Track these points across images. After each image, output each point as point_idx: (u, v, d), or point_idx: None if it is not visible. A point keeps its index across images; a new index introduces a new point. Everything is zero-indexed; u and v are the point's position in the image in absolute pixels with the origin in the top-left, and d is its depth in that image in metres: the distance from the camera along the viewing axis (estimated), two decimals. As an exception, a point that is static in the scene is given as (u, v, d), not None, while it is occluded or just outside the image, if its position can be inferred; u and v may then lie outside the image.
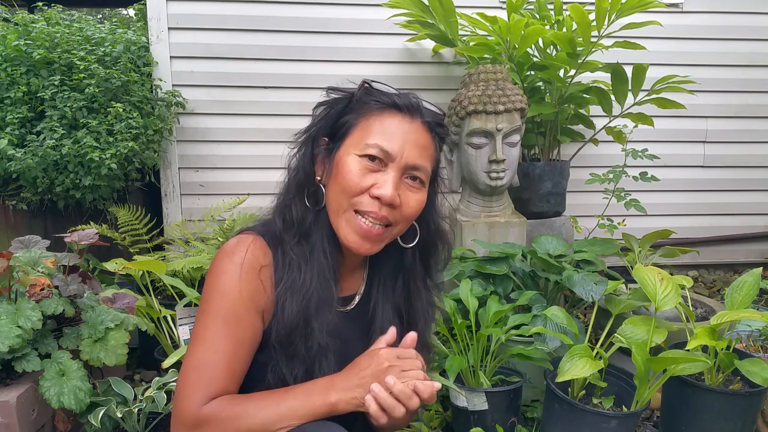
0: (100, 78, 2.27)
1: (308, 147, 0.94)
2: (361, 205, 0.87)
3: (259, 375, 0.89)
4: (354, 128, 0.90)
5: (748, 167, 3.10)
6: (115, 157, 2.23)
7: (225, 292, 0.86)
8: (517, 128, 2.13)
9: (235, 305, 0.85)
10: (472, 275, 1.94)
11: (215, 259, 0.89)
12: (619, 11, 2.17)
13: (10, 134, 2.21)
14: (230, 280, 0.86)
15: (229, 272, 0.86)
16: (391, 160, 0.87)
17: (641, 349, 1.45)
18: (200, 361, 0.83)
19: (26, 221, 2.41)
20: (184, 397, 0.82)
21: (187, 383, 0.83)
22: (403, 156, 0.88)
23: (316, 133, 0.93)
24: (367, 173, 0.87)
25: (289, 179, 0.95)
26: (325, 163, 0.92)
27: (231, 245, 0.90)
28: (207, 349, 0.84)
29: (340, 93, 0.94)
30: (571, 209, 2.70)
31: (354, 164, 0.87)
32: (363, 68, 2.79)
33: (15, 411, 1.40)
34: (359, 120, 0.90)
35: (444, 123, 0.97)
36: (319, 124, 0.94)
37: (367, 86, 0.93)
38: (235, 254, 0.88)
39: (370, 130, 0.88)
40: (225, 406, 0.81)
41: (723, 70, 3.00)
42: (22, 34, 2.36)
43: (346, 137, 0.90)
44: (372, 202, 0.87)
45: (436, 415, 1.73)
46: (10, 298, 1.54)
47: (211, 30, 2.70)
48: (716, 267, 3.23)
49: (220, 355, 0.83)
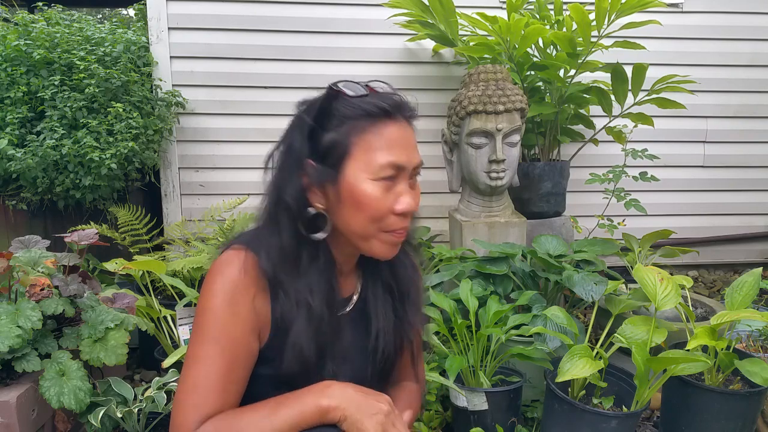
0: (100, 78, 2.27)
1: (291, 169, 0.87)
2: (390, 226, 0.86)
3: (262, 390, 0.87)
4: (352, 149, 0.84)
5: (748, 167, 3.10)
6: (115, 157, 2.24)
7: (217, 313, 0.83)
8: (517, 128, 2.13)
9: (227, 327, 0.83)
10: (472, 275, 1.94)
11: (208, 278, 0.86)
12: (619, 11, 2.17)
13: (10, 134, 2.21)
14: (223, 302, 0.83)
15: (222, 293, 0.84)
16: (403, 171, 0.86)
17: (641, 349, 1.45)
18: (194, 384, 0.82)
19: (26, 221, 2.41)
20: (180, 419, 0.81)
21: (182, 405, 0.82)
22: (411, 163, 0.87)
23: (299, 157, 0.86)
24: (386, 194, 0.85)
25: (276, 210, 0.89)
26: (325, 189, 0.86)
27: (223, 262, 0.86)
28: (200, 371, 0.82)
29: (308, 105, 0.90)
30: (571, 209, 2.70)
31: (374, 190, 0.84)
32: (363, 68, 2.79)
33: (15, 411, 1.40)
34: (353, 138, 0.83)
35: (416, 110, 0.95)
36: (300, 148, 0.87)
37: (336, 92, 0.87)
38: (226, 273, 0.85)
39: (373, 147, 0.83)
40: (218, 427, 0.80)
41: (723, 70, 3.00)
42: (22, 34, 2.36)
43: (346, 160, 0.84)
44: (398, 220, 0.86)
45: (436, 415, 1.73)
46: (10, 298, 1.54)
47: (211, 30, 2.71)
48: (716, 267, 3.23)
49: (214, 377, 0.82)
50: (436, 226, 2.80)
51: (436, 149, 2.49)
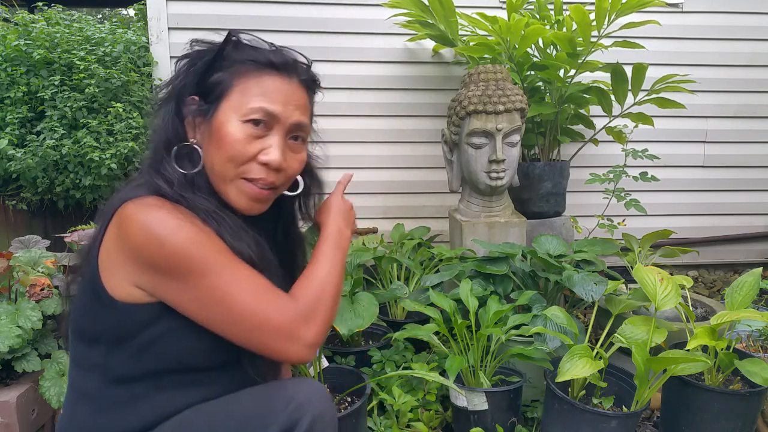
0: (100, 78, 2.27)
1: (173, 104, 0.89)
2: (250, 173, 0.87)
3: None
4: (231, 90, 0.86)
5: (748, 167, 3.10)
6: (115, 157, 2.24)
7: (190, 238, 0.79)
8: (517, 128, 2.13)
9: (207, 237, 0.82)
10: (472, 275, 1.94)
11: (146, 234, 0.78)
12: (619, 11, 2.16)
13: (10, 134, 2.21)
14: (182, 228, 0.79)
15: (176, 225, 0.79)
16: (276, 122, 0.87)
17: (641, 349, 1.45)
18: (254, 288, 0.82)
19: (26, 221, 2.41)
20: (277, 313, 0.82)
21: (267, 307, 0.81)
22: (288, 118, 0.88)
23: (181, 90, 0.89)
24: (252, 140, 0.86)
25: (156, 140, 0.90)
26: (199, 124, 0.89)
27: (138, 212, 0.79)
28: (244, 279, 0.82)
29: (206, 45, 0.91)
30: (571, 209, 2.70)
31: (238, 131, 0.85)
32: (363, 68, 2.79)
33: (15, 411, 1.40)
34: (235, 81, 0.86)
35: (316, 78, 0.97)
36: (184, 80, 0.89)
37: (235, 40, 0.89)
38: (156, 213, 0.80)
39: (250, 92, 0.86)
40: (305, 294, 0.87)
41: (723, 70, 3.00)
42: (22, 34, 2.36)
43: (223, 99, 0.86)
44: (260, 169, 0.87)
45: (436, 415, 1.73)
46: (10, 298, 1.54)
47: (211, 30, 2.68)
48: (716, 267, 3.23)
49: (255, 276, 0.84)
50: (436, 226, 2.80)
51: (436, 149, 2.49)
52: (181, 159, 0.88)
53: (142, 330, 0.84)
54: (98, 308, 0.85)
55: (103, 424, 0.86)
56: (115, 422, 0.86)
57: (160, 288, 0.82)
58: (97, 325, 0.86)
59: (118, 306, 0.83)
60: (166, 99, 0.91)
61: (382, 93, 2.82)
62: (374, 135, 2.83)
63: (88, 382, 0.88)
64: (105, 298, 0.83)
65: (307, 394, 0.84)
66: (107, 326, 0.85)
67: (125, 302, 0.83)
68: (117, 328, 0.85)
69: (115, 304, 0.83)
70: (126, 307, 0.83)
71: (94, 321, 0.86)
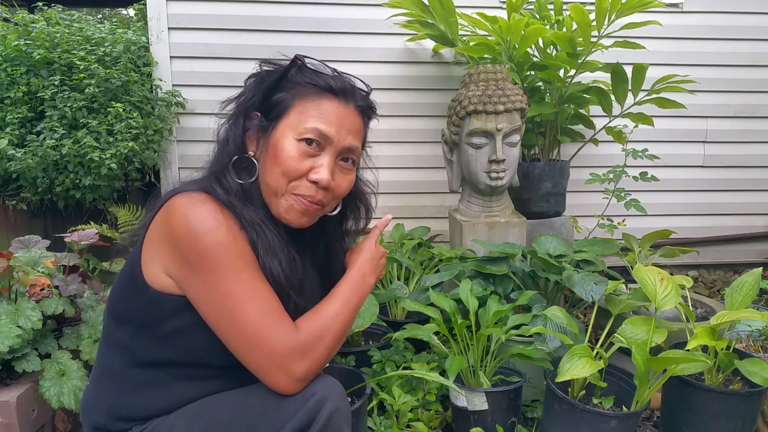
0: (100, 78, 2.27)
1: (240, 120, 0.95)
2: (299, 189, 0.92)
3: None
4: (290, 110, 0.92)
5: (748, 167, 3.10)
6: (115, 157, 2.24)
7: (222, 241, 0.83)
8: (517, 128, 2.13)
9: (239, 248, 0.85)
10: (472, 275, 1.94)
11: (183, 225, 0.83)
12: (619, 11, 2.16)
13: (10, 134, 2.21)
14: (219, 231, 0.83)
15: (212, 224, 0.83)
16: (329, 144, 0.92)
17: (641, 349, 1.45)
18: (264, 307, 0.84)
19: (26, 221, 2.41)
20: (276, 339, 0.83)
21: (268, 329, 0.83)
22: (340, 140, 0.92)
23: (248, 107, 0.96)
24: (305, 157, 0.91)
25: (220, 150, 0.97)
26: (259, 139, 0.95)
27: (185, 204, 0.85)
28: (258, 296, 0.84)
29: (272, 66, 0.97)
30: (571, 209, 2.70)
31: (293, 148, 0.90)
32: (363, 68, 2.79)
33: (15, 411, 1.40)
34: (295, 102, 0.92)
35: (373, 105, 1.02)
36: (251, 99, 0.96)
37: (300, 63, 0.95)
38: (199, 209, 0.84)
39: (308, 113, 0.91)
40: (310, 326, 0.87)
41: (723, 70, 3.00)
42: (22, 34, 2.36)
43: (282, 118, 0.92)
44: (309, 187, 0.92)
45: (436, 415, 1.73)
46: (10, 298, 1.54)
47: (211, 30, 2.70)
48: (716, 267, 3.23)
49: (267, 293, 0.86)
50: (436, 226, 2.80)
51: (436, 149, 2.49)
52: (239, 170, 0.94)
53: (166, 320, 0.88)
54: (132, 291, 0.90)
55: (123, 403, 0.92)
56: (133, 403, 0.91)
57: (185, 280, 0.86)
58: (129, 306, 0.91)
59: (150, 292, 0.88)
60: (233, 113, 0.98)
61: (381, 93, 2.81)
62: (374, 135, 2.81)
63: (113, 361, 0.93)
64: (140, 282, 0.88)
65: (326, 390, 0.87)
66: (136, 309, 0.90)
67: (156, 290, 0.88)
68: (144, 313, 0.89)
69: (147, 289, 0.88)
70: (156, 295, 0.87)
71: (127, 302, 0.92)
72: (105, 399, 0.94)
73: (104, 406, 0.93)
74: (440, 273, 1.97)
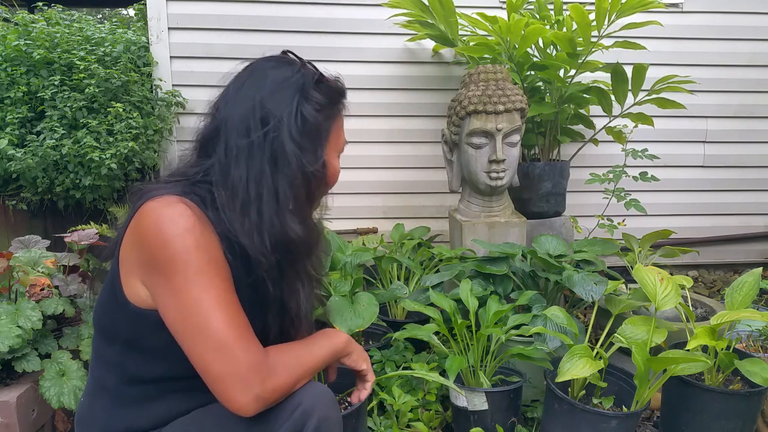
0: (100, 78, 2.27)
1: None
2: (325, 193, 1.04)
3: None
4: (331, 133, 0.99)
5: (748, 167, 3.10)
6: (115, 157, 2.24)
7: (192, 247, 0.80)
8: (517, 128, 2.13)
9: (210, 253, 0.82)
10: (472, 275, 1.94)
11: (153, 227, 0.80)
12: (619, 11, 2.16)
13: (10, 134, 2.21)
14: (191, 233, 0.80)
15: (184, 226, 0.80)
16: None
17: (641, 349, 1.45)
18: (235, 320, 0.81)
19: (26, 221, 2.41)
20: (244, 350, 0.80)
21: (238, 339, 0.80)
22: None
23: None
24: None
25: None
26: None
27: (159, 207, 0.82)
28: (229, 308, 0.82)
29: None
30: (571, 209, 2.70)
31: (338, 164, 1.02)
32: (363, 68, 2.79)
33: (15, 411, 1.40)
34: (332, 124, 0.99)
35: None
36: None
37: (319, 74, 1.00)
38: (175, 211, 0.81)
39: (340, 132, 1.01)
40: (277, 354, 0.86)
41: (723, 70, 3.00)
42: (22, 34, 2.36)
43: (328, 141, 0.98)
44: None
45: (436, 415, 1.73)
46: (10, 298, 1.54)
47: (211, 30, 2.70)
48: (716, 267, 3.23)
49: (233, 306, 0.83)
50: (436, 226, 2.80)
51: (436, 149, 2.49)
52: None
53: (152, 334, 0.86)
54: (115, 307, 0.88)
55: (117, 419, 0.91)
56: (127, 419, 0.91)
57: (155, 287, 0.82)
58: (113, 321, 0.90)
59: (130, 308, 0.86)
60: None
61: (381, 93, 2.82)
62: (374, 135, 2.83)
63: (106, 378, 0.92)
64: (120, 298, 0.86)
65: (313, 399, 0.86)
66: (121, 325, 0.88)
67: (137, 306, 0.85)
68: (129, 329, 0.88)
69: (127, 305, 0.86)
70: (137, 311, 0.85)
71: (111, 320, 0.90)
72: (101, 415, 0.93)
73: (100, 422, 0.92)
74: (440, 273, 1.97)
